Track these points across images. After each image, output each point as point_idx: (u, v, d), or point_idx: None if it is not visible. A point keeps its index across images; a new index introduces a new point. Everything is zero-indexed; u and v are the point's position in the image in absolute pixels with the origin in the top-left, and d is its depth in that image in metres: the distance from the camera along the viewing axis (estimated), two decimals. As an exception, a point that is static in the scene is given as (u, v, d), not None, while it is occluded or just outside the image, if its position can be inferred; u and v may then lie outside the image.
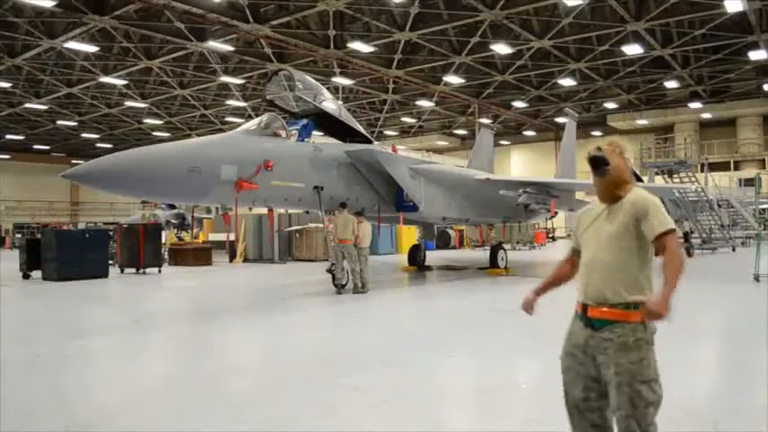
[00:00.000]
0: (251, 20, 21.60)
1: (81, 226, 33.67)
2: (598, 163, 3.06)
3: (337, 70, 28.79)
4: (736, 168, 38.53)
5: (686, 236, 24.63)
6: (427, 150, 41.12)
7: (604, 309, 2.91)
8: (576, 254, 3.26)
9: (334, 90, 29.28)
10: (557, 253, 27.52)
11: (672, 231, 2.89)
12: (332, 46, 24.50)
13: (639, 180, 25.00)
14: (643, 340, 2.86)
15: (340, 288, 12.70)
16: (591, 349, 2.96)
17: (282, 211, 23.70)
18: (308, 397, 5.35)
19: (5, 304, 12.28)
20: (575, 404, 3.05)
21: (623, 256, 2.93)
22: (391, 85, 32.86)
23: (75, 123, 40.49)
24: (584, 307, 3.00)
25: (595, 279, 2.97)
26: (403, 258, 21.09)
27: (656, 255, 3.02)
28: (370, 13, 23.02)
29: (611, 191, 3.07)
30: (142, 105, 35.71)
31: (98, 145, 48.73)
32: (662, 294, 2.78)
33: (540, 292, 3.40)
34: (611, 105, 38.70)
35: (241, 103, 35.65)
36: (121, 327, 9.72)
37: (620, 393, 2.83)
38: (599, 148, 3.11)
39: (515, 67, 29.24)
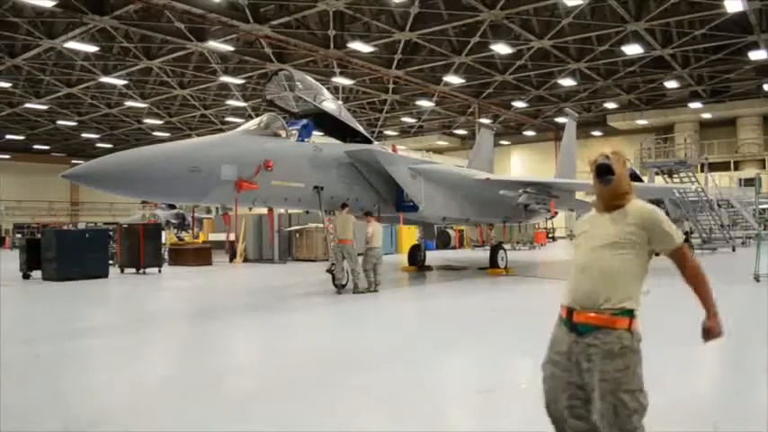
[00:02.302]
0: (251, 20, 21.59)
1: (81, 226, 33.69)
2: (604, 171, 3.01)
3: (337, 70, 28.78)
4: (736, 168, 38.53)
5: (686, 236, 24.63)
6: (427, 150, 41.15)
7: (591, 314, 2.88)
8: None
9: (334, 90, 29.27)
10: (557, 253, 27.52)
11: (684, 242, 3.00)
12: (332, 46, 24.48)
13: (639, 180, 25.02)
14: (629, 348, 2.83)
15: (340, 288, 12.70)
16: (575, 355, 2.92)
17: (282, 211, 23.70)
18: (308, 397, 5.35)
19: (5, 304, 12.27)
20: (559, 413, 3.01)
21: (621, 264, 2.91)
22: (391, 85, 32.84)
23: (75, 123, 40.47)
24: (570, 311, 2.97)
25: (585, 283, 2.94)
26: (403, 258, 21.08)
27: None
28: (370, 13, 23.01)
29: (612, 200, 3.04)
30: (142, 105, 35.69)
31: (98, 145, 48.72)
32: (712, 315, 2.98)
33: None
34: (611, 105, 38.69)
35: (241, 103, 35.65)
36: (122, 327, 9.73)
37: (604, 401, 2.79)
38: (606, 156, 3.05)
39: (515, 67, 29.22)
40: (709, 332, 3.01)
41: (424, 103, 36.65)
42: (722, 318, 3.04)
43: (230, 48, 25.07)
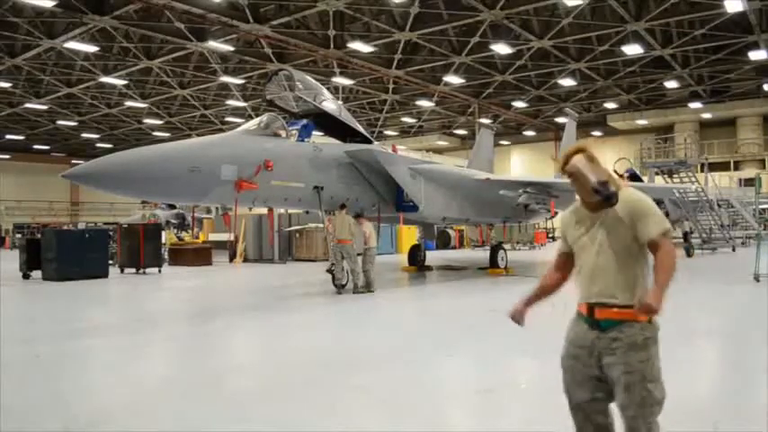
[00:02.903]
0: (251, 20, 21.58)
1: (81, 226, 33.67)
2: (612, 198, 2.92)
3: (337, 70, 28.78)
4: (736, 168, 38.50)
5: (686, 236, 24.62)
6: (427, 150, 41.14)
7: (613, 309, 2.89)
8: (565, 257, 3.21)
9: (334, 90, 29.27)
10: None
11: (667, 232, 2.90)
12: (332, 46, 24.49)
13: (639, 180, 25.00)
14: (651, 339, 2.87)
15: (340, 288, 12.70)
16: (597, 350, 2.93)
17: (282, 211, 23.70)
18: (308, 397, 5.36)
19: (5, 304, 12.28)
20: (580, 406, 3.04)
21: (626, 258, 2.92)
22: (391, 85, 32.84)
23: (75, 123, 40.48)
24: (590, 308, 2.97)
25: (601, 281, 2.94)
26: (403, 258, 21.08)
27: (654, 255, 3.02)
28: (370, 13, 23.01)
29: (611, 205, 2.98)
30: (142, 105, 35.69)
31: (98, 145, 48.72)
32: (654, 290, 2.76)
33: (530, 302, 3.32)
34: (611, 105, 38.69)
35: (241, 103, 35.64)
36: (122, 327, 9.73)
37: (631, 393, 2.82)
38: (605, 183, 2.90)
39: (515, 67, 29.22)
40: (643, 305, 2.75)
41: (424, 103, 36.64)
42: (723, 317, 3.04)
43: (230, 48, 25.07)
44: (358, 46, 24.28)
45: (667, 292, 2.77)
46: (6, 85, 30.40)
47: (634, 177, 24.65)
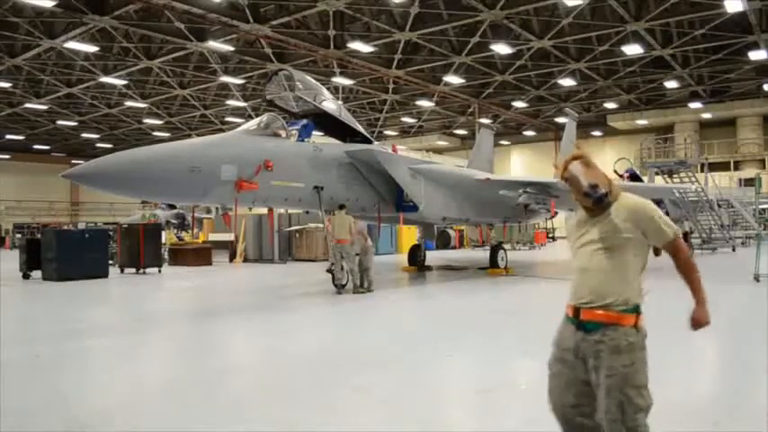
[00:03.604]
0: (251, 20, 21.58)
1: (81, 226, 33.65)
2: (603, 199, 2.99)
3: (337, 70, 28.78)
4: (736, 168, 38.50)
5: (686, 236, 24.61)
6: (427, 150, 41.15)
7: (598, 312, 2.90)
8: None
9: (334, 90, 29.26)
10: (557, 253, 27.52)
11: (678, 232, 3.00)
12: (332, 46, 24.49)
13: (639, 180, 25.01)
14: (635, 344, 2.86)
15: (340, 288, 12.70)
16: (582, 353, 2.94)
17: (282, 211, 23.71)
18: (309, 397, 5.36)
19: (5, 304, 12.28)
20: (563, 410, 3.03)
21: (619, 260, 2.93)
22: (391, 85, 32.83)
23: (75, 123, 40.46)
24: (576, 310, 2.98)
25: (590, 282, 2.96)
26: (403, 258, 21.09)
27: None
28: (370, 13, 23.01)
29: (604, 207, 3.04)
30: (142, 105, 35.68)
31: (98, 145, 48.71)
32: (700, 303, 3.01)
33: None
34: (611, 105, 38.66)
35: (241, 103, 35.64)
36: (122, 327, 9.74)
37: (610, 397, 2.81)
38: (595, 186, 2.98)
39: (515, 67, 29.21)
40: (697, 321, 3.05)
41: (424, 103, 36.63)
42: (722, 317, 3.05)
43: (230, 48, 25.06)
44: (358, 46, 24.28)
45: (705, 295, 3.05)
46: (6, 85, 30.37)
47: (634, 177, 24.67)
